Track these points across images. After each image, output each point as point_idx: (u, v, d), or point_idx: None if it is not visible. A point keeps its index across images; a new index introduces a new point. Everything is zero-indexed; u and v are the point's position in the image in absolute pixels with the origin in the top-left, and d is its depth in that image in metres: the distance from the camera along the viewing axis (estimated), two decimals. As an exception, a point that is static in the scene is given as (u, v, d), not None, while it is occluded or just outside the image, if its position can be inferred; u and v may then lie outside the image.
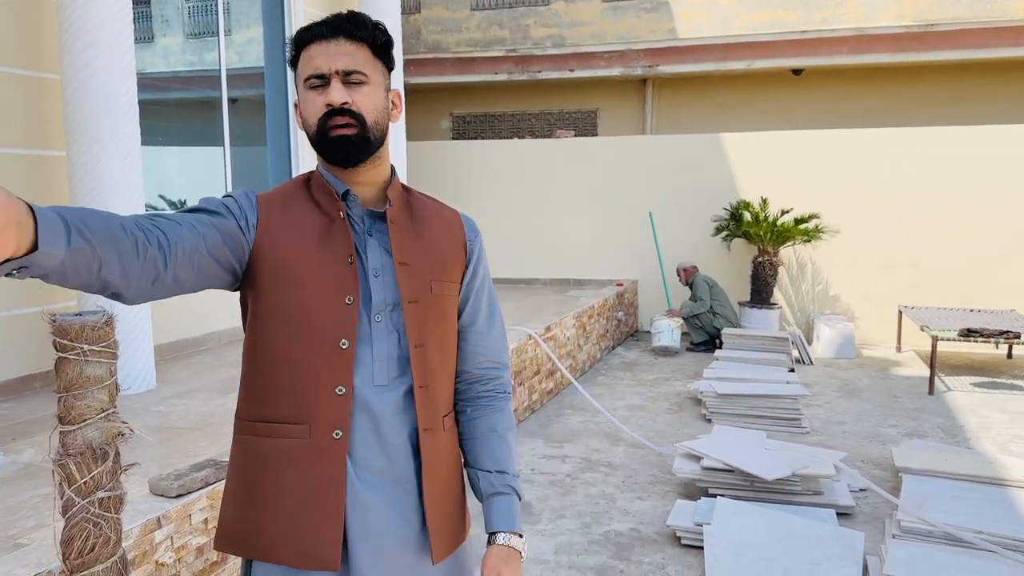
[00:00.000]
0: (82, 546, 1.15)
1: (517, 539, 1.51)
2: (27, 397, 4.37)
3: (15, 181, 4.49)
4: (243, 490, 1.41)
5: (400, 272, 1.42)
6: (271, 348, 1.39)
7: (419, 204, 1.52)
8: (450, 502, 1.51)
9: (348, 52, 1.36)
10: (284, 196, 1.44)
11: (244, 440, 1.42)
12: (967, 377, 7.25)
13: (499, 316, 1.62)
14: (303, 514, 1.35)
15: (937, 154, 8.66)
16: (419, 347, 1.42)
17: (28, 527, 2.55)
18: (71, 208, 1.08)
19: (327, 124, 1.35)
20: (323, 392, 1.36)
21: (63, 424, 1.14)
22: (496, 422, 1.57)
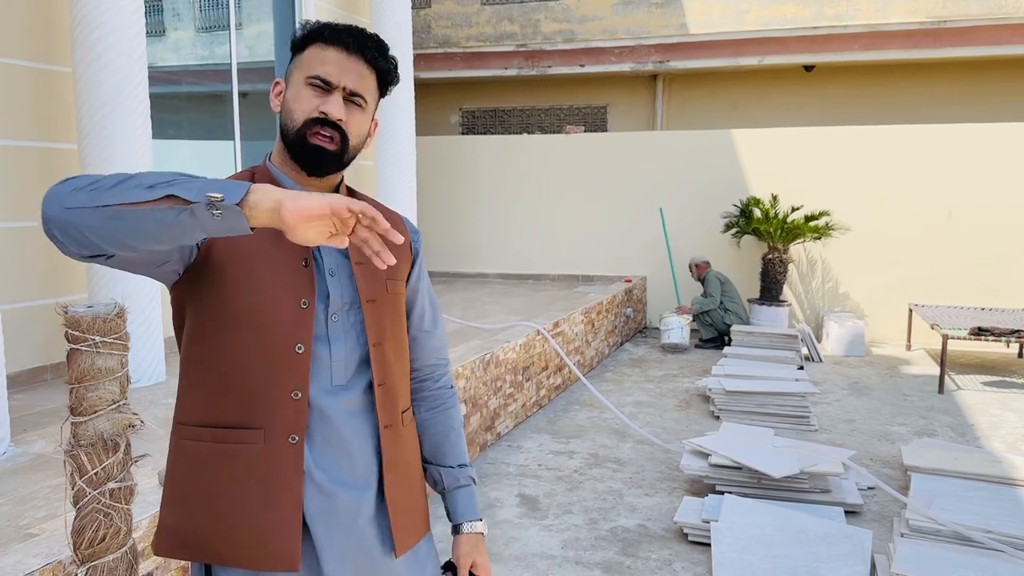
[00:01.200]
0: (93, 536, 1.16)
1: (479, 523, 1.65)
2: (38, 388, 4.40)
3: (27, 172, 4.51)
4: (191, 495, 1.37)
5: (358, 271, 1.43)
6: (220, 352, 1.36)
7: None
8: (412, 495, 1.54)
9: (361, 73, 1.38)
10: None
11: (188, 445, 1.38)
12: (977, 376, 7.21)
13: (440, 314, 1.68)
14: (261, 517, 1.34)
15: (949, 152, 8.61)
16: (377, 346, 1.44)
17: (39, 517, 2.56)
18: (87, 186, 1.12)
19: (311, 129, 1.35)
20: (278, 397, 1.34)
21: (74, 415, 1.15)
22: (452, 418, 1.65)
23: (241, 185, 1.10)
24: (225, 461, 1.36)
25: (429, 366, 1.63)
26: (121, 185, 1.10)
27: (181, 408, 1.41)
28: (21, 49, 4.47)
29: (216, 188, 1.08)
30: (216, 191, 1.07)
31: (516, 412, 5.60)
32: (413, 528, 1.52)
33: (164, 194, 1.08)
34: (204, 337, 1.36)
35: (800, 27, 9.85)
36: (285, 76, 1.43)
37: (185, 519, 1.38)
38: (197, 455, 1.37)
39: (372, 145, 7.48)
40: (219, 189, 1.08)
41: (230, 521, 1.35)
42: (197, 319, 1.37)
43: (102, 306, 1.16)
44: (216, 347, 1.36)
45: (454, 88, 11.92)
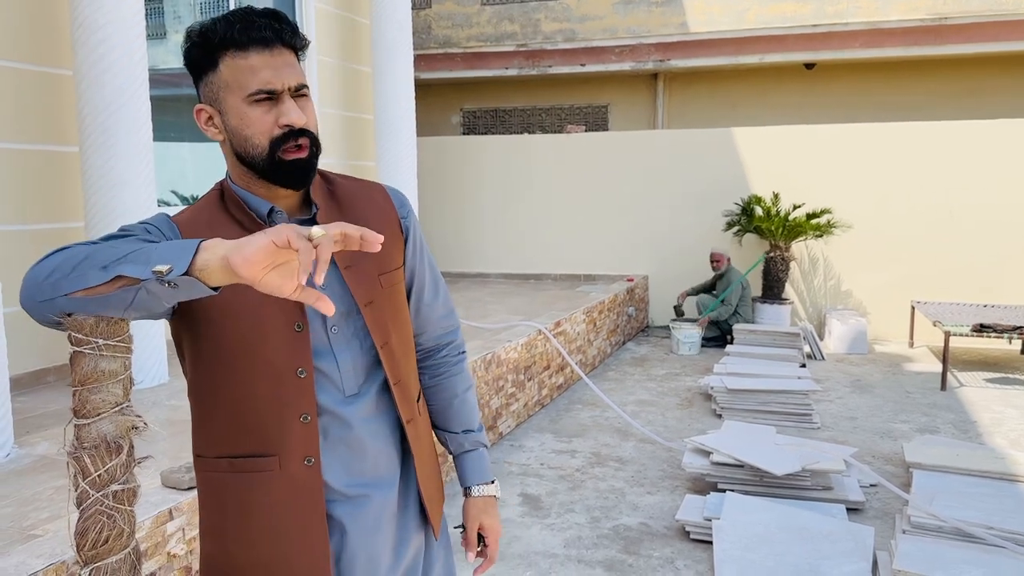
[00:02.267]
0: (96, 538, 1.17)
1: (490, 487, 1.63)
2: (40, 391, 4.41)
3: (30, 177, 4.53)
4: (221, 525, 1.38)
5: (348, 276, 1.36)
6: (224, 382, 1.33)
7: (345, 193, 1.44)
8: (434, 476, 1.55)
9: (291, 63, 1.27)
10: (205, 219, 1.35)
11: (211, 477, 1.38)
12: (980, 373, 7.21)
13: (441, 280, 1.61)
14: (287, 541, 1.34)
15: (950, 149, 8.60)
16: (385, 346, 1.40)
17: (42, 518, 2.58)
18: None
19: (282, 146, 1.26)
20: (288, 422, 1.32)
21: (78, 417, 1.16)
22: (456, 385, 1.61)
23: (188, 249, 1.03)
24: (246, 489, 1.34)
25: (435, 336, 1.60)
26: (80, 267, 1.07)
27: (197, 439, 1.40)
28: (22, 52, 4.49)
29: (165, 258, 1.03)
30: (164, 262, 1.02)
31: (518, 411, 5.61)
32: (439, 506, 1.56)
33: (115, 275, 1.04)
34: (206, 368, 1.34)
35: (800, 25, 9.86)
36: (205, 100, 1.32)
37: (219, 548, 1.39)
38: (220, 485, 1.37)
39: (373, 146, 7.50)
40: (168, 259, 1.02)
41: (259, 548, 1.35)
42: (196, 350, 1.34)
43: (104, 309, 1.17)
44: (219, 378, 1.33)
45: (455, 88, 11.93)
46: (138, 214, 4.19)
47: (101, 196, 4.21)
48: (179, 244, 1.05)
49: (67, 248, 1.13)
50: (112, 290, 1.06)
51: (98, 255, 1.08)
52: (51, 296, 1.09)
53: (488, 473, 1.64)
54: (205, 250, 1.02)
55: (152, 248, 1.06)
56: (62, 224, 4.68)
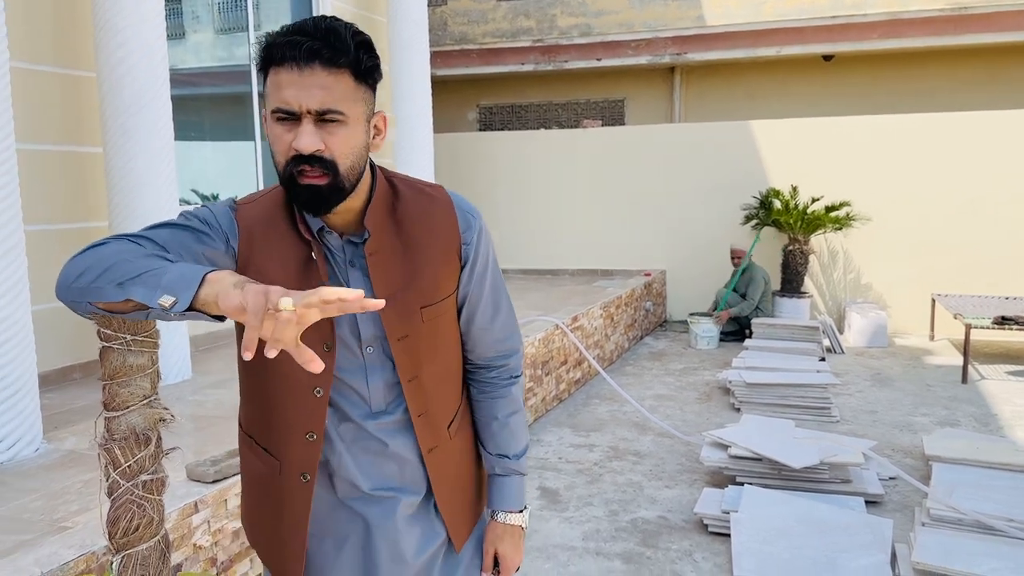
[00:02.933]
0: (127, 526, 1.21)
1: (516, 515, 1.57)
2: (67, 387, 4.50)
3: (55, 177, 4.61)
4: (246, 490, 1.49)
5: (385, 309, 1.31)
6: (249, 380, 1.40)
7: (407, 211, 1.37)
8: (467, 492, 1.54)
9: (324, 85, 1.17)
10: (266, 216, 1.33)
11: (243, 440, 1.48)
12: (1001, 365, 7.15)
13: (504, 302, 1.53)
14: (274, 539, 1.43)
15: (971, 140, 8.52)
16: (413, 380, 1.38)
17: (72, 511, 2.64)
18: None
19: (295, 169, 1.20)
20: (293, 436, 1.36)
21: (108, 410, 1.20)
22: (497, 408, 1.54)
23: (193, 282, 1.02)
24: (256, 473, 1.44)
25: (486, 357, 1.53)
26: (101, 279, 1.08)
27: (241, 410, 1.49)
28: (47, 55, 4.57)
29: (173, 287, 1.02)
30: (171, 291, 1.02)
31: (536, 406, 5.64)
32: (468, 521, 1.54)
33: (127, 296, 1.05)
34: (241, 366, 1.41)
35: (818, 16, 9.79)
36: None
37: (244, 505, 1.53)
38: (245, 456, 1.48)
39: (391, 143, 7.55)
40: (175, 289, 1.02)
41: (257, 522, 1.48)
42: (238, 336, 1.35)
43: (132, 305, 1.21)
44: (250, 372, 1.40)
45: (471, 85, 11.96)
46: (159, 214, 4.26)
47: (124, 196, 4.28)
48: (188, 273, 1.03)
49: (102, 246, 1.14)
50: (127, 309, 1.09)
51: (119, 268, 1.08)
52: (78, 300, 1.13)
53: (516, 501, 1.57)
54: (208, 284, 1.01)
55: (165, 271, 1.05)
56: (86, 224, 4.76)
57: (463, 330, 1.48)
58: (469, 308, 1.46)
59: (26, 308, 3.33)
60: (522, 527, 1.57)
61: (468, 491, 1.55)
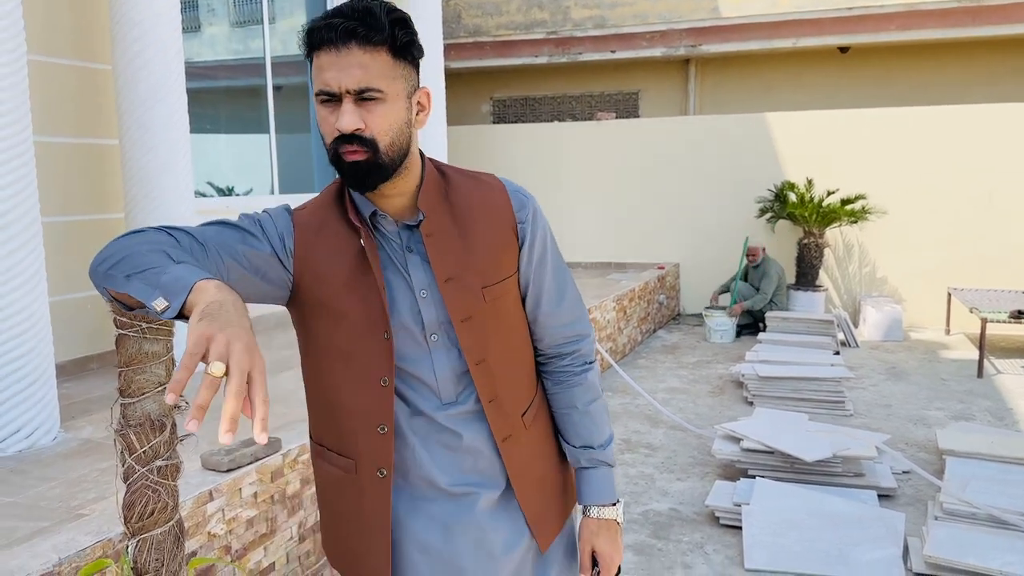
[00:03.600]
0: (142, 511, 1.23)
1: (610, 509, 1.50)
2: (85, 377, 4.55)
3: (72, 169, 4.65)
4: (322, 504, 1.46)
5: (446, 289, 1.31)
6: (316, 380, 1.38)
7: (459, 195, 1.38)
8: (549, 487, 1.49)
9: (362, 63, 1.19)
10: (320, 215, 1.35)
11: (315, 460, 1.45)
12: (1018, 360, 7.10)
13: (570, 285, 1.49)
14: (356, 544, 1.39)
15: (988, 132, 8.44)
16: (480, 363, 1.35)
17: (89, 499, 2.68)
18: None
19: (339, 149, 1.23)
20: (365, 431, 1.33)
21: (124, 397, 1.22)
22: (575, 397, 1.49)
23: (184, 289, 1.02)
24: (334, 482, 1.40)
25: (556, 345, 1.48)
26: (116, 268, 1.10)
27: (310, 421, 1.46)
28: (64, 48, 4.61)
29: (170, 289, 1.03)
30: (165, 297, 1.02)
31: (549, 398, 5.64)
32: (554, 520, 1.49)
33: (128, 290, 1.07)
34: (308, 360, 1.38)
35: (835, 8, 9.70)
36: None
37: (323, 526, 1.48)
38: (319, 470, 1.44)
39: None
40: (170, 292, 1.03)
41: (341, 540, 1.43)
42: (302, 341, 1.38)
43: (147, 294, 1.22)
44: (315, 372, 1.37)
45: (485, 77, 11.95)
46: (175, 206, 4.30)
47: (140, 188, 4.31)
48: (184, 277, 1.04)
49: (134, 235, 1.16)
50: (131, 301, 1.10)
51: (131, 259, 1.10)
52: (98, 284, 1.14)
53: (609, 494, 1.52)
54: (196, 291, 1.02)
55: (163, 270, 1.06)
56: (103, 216, 4.81)
57: (530, 318, 1.46)
58: (535, 292, 1.44)
59: (43, 299, 3.37)
60: (617, 521, 1.51)
61: (551, 487, 1.49)
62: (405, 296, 1.31)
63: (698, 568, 3.38)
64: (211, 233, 1.23)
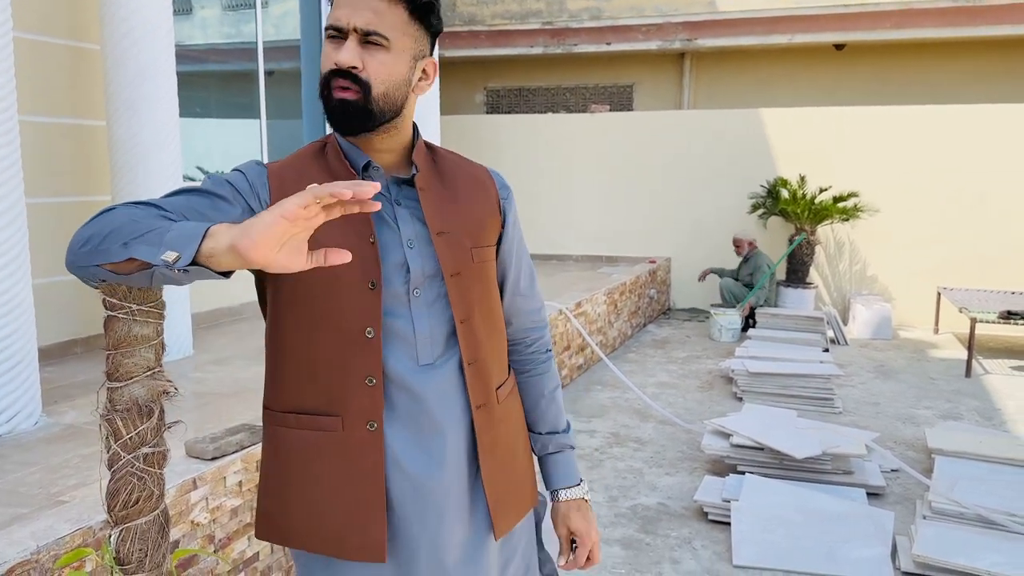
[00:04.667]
0: (127, 499, 1.19)
1: (576, 489, 1.55)
2: (68, 361, 4.49)
3: (59, 150, 4.58)
4: (281, 481, 1.36)
5: (439, 242, 1.32)
6: (295, 337, 1.31)
7: (447, 165, 1.41)
8: (514, 471, 1.46)
9: (376, 9, 1.21)
10: (299, 168, 1.33)
11: (277, 431, 1.37)
12: (1006, 360, 7.13)
13: (535, 271, 1.56)
14: (345, 506, 1.31)
15: (982, 133, 8.46)
16: (465, 322, 1.34)
17: (70, 485, 2.63)
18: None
19: (330, 83, 1.24)
20: (352, 384, 1.29)
21: (111, 381, 1.17)
22: (544, 385, 1.55)
23: (195, 237, 1.00)
24: (309, 447, 1.32)
25: (523, 330, 1.53)
26: (108, 240, 1.06)
27: (268, 393, 1.39)
28: (51, 26, 4.52)
29: (175, 243, 1.00)
30: (174, 248, 1.00)
31: (538, 391, 5.61)
32: (514, 509, 1.45)
33: (129, 255, 1.03)
34: (280, 321, 1.33)
35: (831, 4, 9.68)
36: None
37: (277, 505, 1.38)
38: (284, 441, 1.35)
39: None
40: (177, 245, 1.00)
41: (317, 509, 1.33)
42: (274, 302, 1.33)
43: (136, 275, 1.18)
44: (291, 332, 1.32)
45: (479, 67, 11.87)
46: (162, 188, 4.23)
47: (127, 170, 4.25)
48: (190, 228, 1.02)
49: (110, 211, 1.12)
50: (131, 269, 1.06)
51: (125, 229, 1.06)
52: (85, 264, 1.09)
53: (575, 475, 1.56)
54: (211, 237, 0.99)
55: (167, 228, 1.03)
56: (89, 197, 4.73)
57: (506, 300, 1.49)
58: (514, 272, 1.48)
59: (27, 281, 3.31)
60: (585, 499, 1.55)
61: (517, 470, 1.47)
62: (392, 247, 1.30)
63: (686, 563, 3.36)
64: (180, 202, 1.18)
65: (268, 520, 1.40)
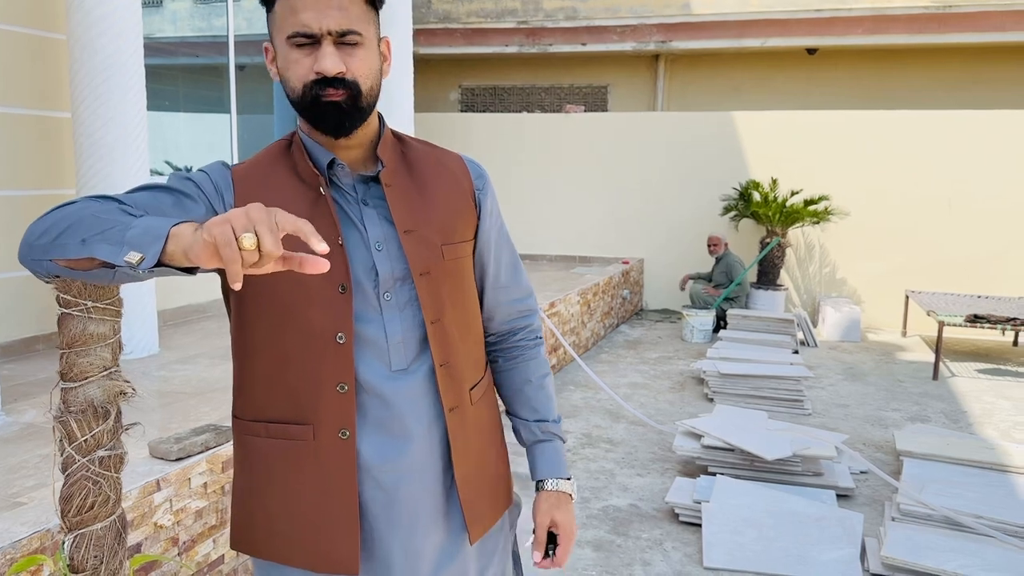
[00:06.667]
0: (81, 504, 1.14)
1: (565, 483, 1.50)
2: (30, 358, 4.38)
3: (22, 140, 4.46)
4: (252, 492, 1.33)
5: (406, 241, 1.27)
6: (262, 344, 1.27)
7: (417, 156, 1.37)
8: (486, 476, 1.42)
9: (341, 6, 1.18)
10: (264, 169, 1.30)
11: (246, 440, 1.33)
12: (972, 363, 7.23)
13: (518, 259, 1.51)
14: (316, 517, 1.27)
15: (951, 138, 8.58)
16: (436, 323, 1.30)
17: (28, 486, 2.56)
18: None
19: (314, 91, 1.20)
20: (324, 391, 1.25)
21: (65, 381, 1.13)
22: (530, 372, 1.51)
23: (159, 237, 0.95)
24: (279, 457, 1.29)
25: (509, 320, 1.49)
26: (65, 235, 1.02)
27: (236, 401, 1.35)
28: (14, 15, 4.41)
29: (138, 242, 0.96)
30: (137, 248, 0.96)
31: (510, 391, 5.59)
32: (489, 512, 1.43)
33: (89, 254, 0.99)
34: (247, 326, 1.28)
35: (804, 9, 9.77)
36: (269, 38, 1.27)
37: (247, 516, 1.34)
38: (254, 450, 1.32)
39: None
40: (140, 245, 0.96)
41: (288, 521, 1.29)
42: (239, 307, 1.29)
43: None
44: (259, 338, 1.27)
45: (454, 65, 11.82)
46: (129, 182, 4.14)
47: (93, 163, 4.15)
48: (154, 227, 0.97)
49: (69, 205, 1.08)
50: (91, 267, 1.02)
51: (84, 224, 1.02)
52: (40, 258, 1.04)
53: (563, 468, 1.52)
54: (173, 239, 0.95)
55: (127, 225, 0.99)
56: (53, 191, 4.62)
57: (486, 292, 1.45)
58: (493, 265, 1.44)
59: (-13, 275, 3.22)
60: (571, 495, 1.51)
61: (489, 476, 1.44)
62: (359, 250, 1.26)
63: (657, 565, 3.35)
64: (144, 198, 1.14)
65: (240, 531, 1.36)
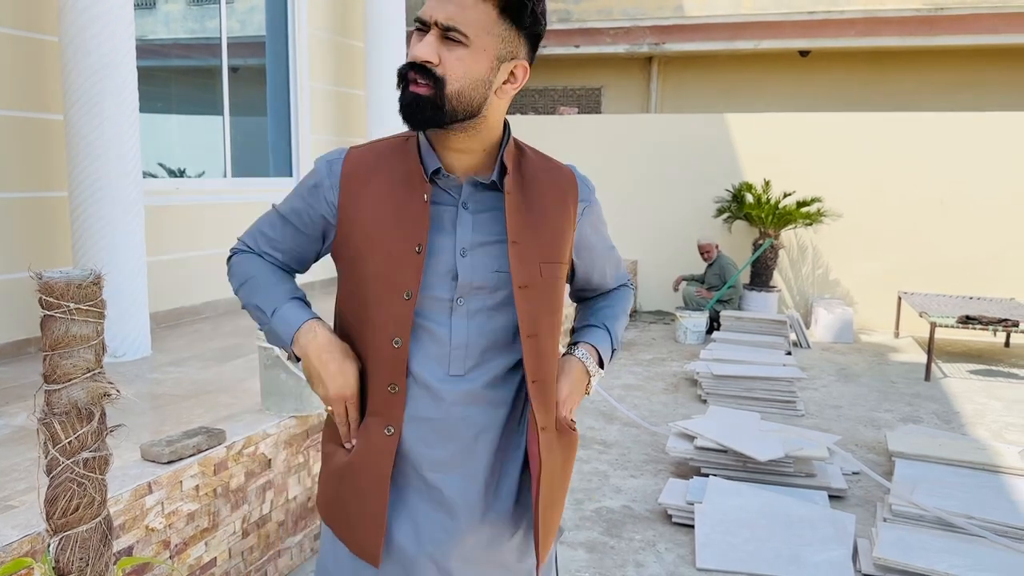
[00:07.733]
0: (66, 506, 1.14)
1: (594, 364, 1.46)
2: (22, 361, 4.36)
3: (12, 143, 4.45)
4: (325, 462, 1.42)
5: (512, 252, 1.27)
6: (352, 335, 1.36)
7: (532, 168, 1.37)
8: (557, 504, 1.41)
9: (461, 4, 1.17)
10: (374, 160, 1.33)
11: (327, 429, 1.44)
12: (964, 364, 7.25)
13: (615, 253, 1.58)
14: (353, 503, 1.33)
15: (943, 140, 8.61)
16: (532, 337, 1.30)
17: (19, 489, 2.54)
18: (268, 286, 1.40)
19: (406, 76, 1.21)
20: (376, 388, 1.30)
21: (48, 383, 1.13)
22: (612, 297, 1.58)
23: (287, 335, 1.32)
24: (338, 437, 1.38)
25: (605, 288, 1.60)
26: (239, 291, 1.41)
27: None
28: (7, 17, 4.40)
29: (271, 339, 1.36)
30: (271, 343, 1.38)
31: (504, 393, 5.58)
32: (552, 534, 1.42)
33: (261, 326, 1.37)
34: (338, 316, 1.40)
35: (796, 12, 9.81)
36: None
37: (323, 484, 1.43)
38: (329, 428, 1.42)
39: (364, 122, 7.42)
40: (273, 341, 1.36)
41: (337, 497, 1.38)
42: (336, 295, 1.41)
43: (77, 273, 1.14)
44: (342, 328, 1.38)
45: (448, 67, 11.83)
46: (120, 185, 4.14)
47: (86, 165, 4.14)
48: (284, 325, 1.33)
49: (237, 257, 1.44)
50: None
51: (247, 287, 1.39)
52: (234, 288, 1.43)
53: (603, 355, 1.48)
54: (297, 343, 1.32)
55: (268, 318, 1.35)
56: (45, 193, 4.61)
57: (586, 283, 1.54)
58: (599, 276, 1.53)
59: (-23, 278, 3.21)
60: (591, 378, 1.45)
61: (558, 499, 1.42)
62: (444, 253, 1.28)
63: (650, 567, 3.36)
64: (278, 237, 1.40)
65: (320, 497, 1.44)
